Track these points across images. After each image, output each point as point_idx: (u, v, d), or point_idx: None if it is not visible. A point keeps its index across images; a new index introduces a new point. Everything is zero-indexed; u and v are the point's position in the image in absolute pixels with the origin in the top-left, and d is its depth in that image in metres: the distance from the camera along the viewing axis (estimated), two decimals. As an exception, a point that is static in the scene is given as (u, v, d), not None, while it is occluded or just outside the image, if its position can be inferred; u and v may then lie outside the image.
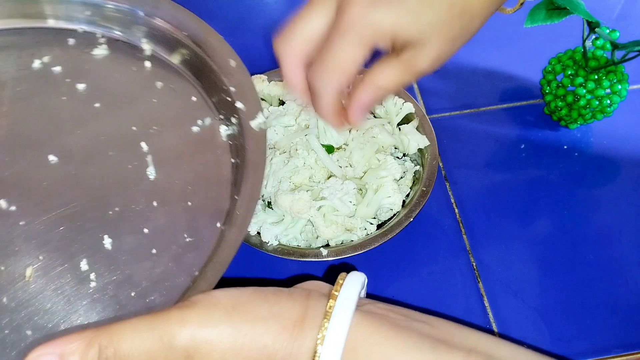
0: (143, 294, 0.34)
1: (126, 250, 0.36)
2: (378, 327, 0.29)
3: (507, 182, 0.54)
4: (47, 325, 0.33)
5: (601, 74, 0.52)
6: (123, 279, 0.35)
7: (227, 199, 0.38)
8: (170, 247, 0.36)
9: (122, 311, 0.34)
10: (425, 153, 0.50)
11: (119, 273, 0.35)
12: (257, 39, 0.67)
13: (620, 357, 0.45)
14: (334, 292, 0.30)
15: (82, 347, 0.28)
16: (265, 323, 0.28)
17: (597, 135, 0.57)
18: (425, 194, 0.47)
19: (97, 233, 0.36)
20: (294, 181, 0.48)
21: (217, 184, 0.38)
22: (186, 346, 0.28)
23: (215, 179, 0.38)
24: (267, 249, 0.46)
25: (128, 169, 0.39)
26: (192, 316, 0.28)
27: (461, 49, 0.68)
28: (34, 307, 0.34)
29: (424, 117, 0.52)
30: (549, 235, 0.51)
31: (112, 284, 0.35)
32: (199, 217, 0.37)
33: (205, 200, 0.38)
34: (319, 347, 0.28)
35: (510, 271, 0.49)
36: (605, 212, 0.52)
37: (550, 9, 0.50)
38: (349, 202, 0.46)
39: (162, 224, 0.37)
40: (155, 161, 0.39)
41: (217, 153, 0.40)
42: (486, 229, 0.51)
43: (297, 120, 0.51)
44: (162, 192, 0.38)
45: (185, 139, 0.40)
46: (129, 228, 0.37)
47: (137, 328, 0.28)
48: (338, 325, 0.28)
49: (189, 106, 0.42)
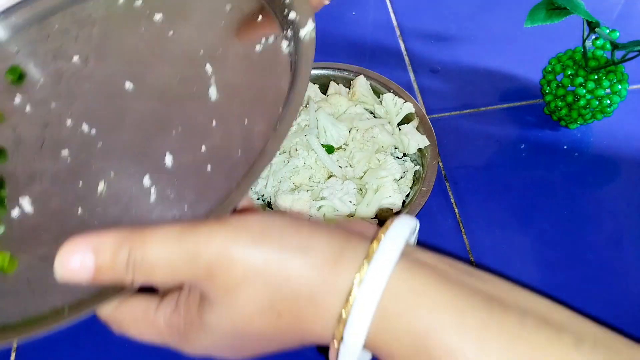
0: (195, 208, 0.36)
1: (184, 166, 0.38)
2: (425, 278, 0.26)
3: (507, 182, 0.54)
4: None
5: (601, 74, 0.52)
6: (178, 195, 0.37)
7: (279, 113, 0.39)
8: (224, 164, 0.37)
9: None
10: (425, 153, 0.50)
11: (175, 188, 0.37)
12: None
13: (620, 357, 0.45)
14: (380, 234, 0.28)
15: (114, 246, 0.27)
16: (292, 254, 0.26)
17: (597, 135, 0.57)
18: (425, 194, 0.47)
19: (161, 151, 0.39)
20: (294, 181, 0.48)
21: (273, 101, 0.39)
22: (209, 262, 0.27)
23: (273, 95, 0.40)
24: (267, 249, 0.46)
25: (193, 91, 0.42)
26: (220, 234, 0.27)
27: (461, 49, 0.68)
28: (103, 217, 0.38)
29: (424, 117, 0.52)
30: (549, 235, 0.51)
31: (167, 198, 0.37)
32: (254, 133, 0.39)
33: (262, 117, 0.39)
34: (355, 288, 0.25)
35: (510, 271, 0.49)
36: (605, 212, 0.52)
37: (550, 9, 0.50)
38: (349, 202, 0.46)
39: (219, 143, 0.39)
40: (217, 82, 0.42)
41: (277, 70, 0.41)
42: (486, 229, 0.51)
43: (297, 120, 0.51)
44: (221, 112, 0.40)
45: (248, 59, 0.42)
46: (188, 146, 0.39)
47: (166, 239, 0.27)
48: (380, 268, 0.26)
49: (255, 25, 0.44)
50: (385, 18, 0.68)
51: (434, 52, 0.64)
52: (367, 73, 0.55)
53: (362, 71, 0.55)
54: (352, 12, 0.68)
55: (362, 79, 0.54)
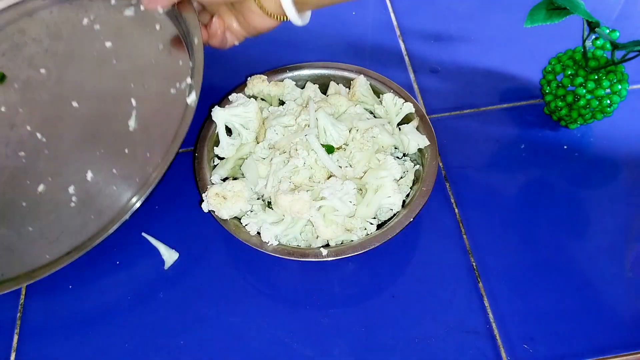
0: (101, 217, 0.50)
1: (99, 183, 0.52)
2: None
3: (507, 182, 0.54)
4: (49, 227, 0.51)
5: (601, 74, 0.52)
6: (91, 204, 0.51)
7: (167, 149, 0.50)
8: (124, 184, 0.51)
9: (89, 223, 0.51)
10: (425, 153, 0.50)
11: (90, 199, 0.51)
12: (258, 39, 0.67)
13: (620, 357, 0.45)
14: None
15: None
16: None
17: (597, 135, 0.57)
18: (425, 194, 0.47)
19: (86, 167, 0.52)
20: (294, 181, 0.48)
21: (170, 139, 0.50)
22: None
23: (170, 134, 0.50)
24: (267, 249, 0.46)
25: (118, 119, 0.54)
26: None
27: (461, 49, 0.68)
28: (37, 214, 0.51)
29: (424, 117, 0.52)
30: (549, 235, 0.51)
31: (83, 205, 0.51)
32: (149, 163, 0.51)
33: (159, 152, 0.51)
34: None
35: (510, 271, 0.49)
36: (605, 212, 0.52)
37: (550, 9, 0.50)
38: (349, 202, 0.46)
39: (125, 167, 0.52)
40: (137, 115, 0.53)
41: (178, 114, 0.51)
42: (486, 229, 0.51)
43: (297, 120, 0.51)
44: (133, 142, 0.52)
45: (163, 99, 0.53)
46: (105, 167, 0.52)
47: None
48: None
49: (176, 68, 0.55)
50: (385, 18, 0.68)
51: (434, 52, 0.64)
52: (367, 73, 0.55)
53: (362, 71, 0.55)
54: (352, 12, 0.68)
55: (362, 79, 0.54)
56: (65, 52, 0.59)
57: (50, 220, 0.51)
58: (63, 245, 0.49)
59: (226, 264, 0.50)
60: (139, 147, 0.52)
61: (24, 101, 0.57)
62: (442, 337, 0.46)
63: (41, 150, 0.54)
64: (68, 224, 0.50)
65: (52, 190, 0.52)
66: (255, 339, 0.46)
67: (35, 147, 0.55)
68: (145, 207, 0.54)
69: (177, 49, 0.56)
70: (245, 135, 0.52)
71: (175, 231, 0.53)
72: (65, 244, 0.49)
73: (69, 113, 0.56)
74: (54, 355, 0.47)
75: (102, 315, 0.48)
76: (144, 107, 0.54)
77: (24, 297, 0.50)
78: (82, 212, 0.51)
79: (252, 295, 0.49)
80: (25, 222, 0.51)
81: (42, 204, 0.52)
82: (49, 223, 0.51)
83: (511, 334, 0.46)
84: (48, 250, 0.49)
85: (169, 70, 0.55)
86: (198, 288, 0.49)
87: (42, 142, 0.55)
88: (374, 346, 0.46)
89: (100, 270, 0.51)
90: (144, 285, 0.50)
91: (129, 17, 0.59)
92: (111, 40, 0.58)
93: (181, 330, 0.47)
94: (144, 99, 0.54)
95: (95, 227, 0.49)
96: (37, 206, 0.52)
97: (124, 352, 0.46)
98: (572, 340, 0.45)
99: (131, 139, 0.53)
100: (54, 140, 0.55)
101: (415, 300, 0.47)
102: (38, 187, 0.52)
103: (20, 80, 0.59)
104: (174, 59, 0.55)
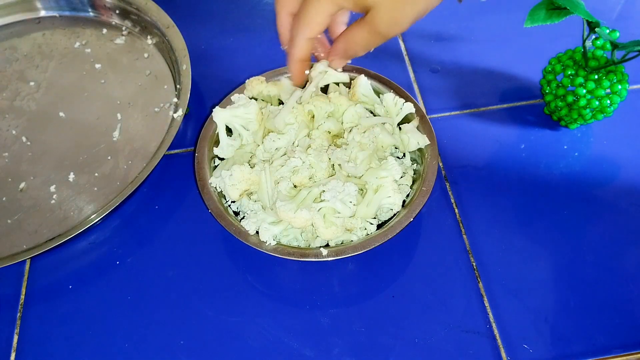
0: (80, 213, 0.54)
1: (80, 184, 0.55)
2: None
3: (507, 182, 0.54)
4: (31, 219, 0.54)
5: (601, 74, 0.52)
6: (71, 202, 0.54)
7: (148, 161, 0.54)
8: (105, 188, 0.55)
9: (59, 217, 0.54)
10: (425, 153, 0.50)
11: (71, 198, 0.54)
12: (258, 39, 0.67)
13: (620, 357, 0.45)
14: None
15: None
16: None
17: (597, 135, 0.57)
18: (425, 194, 0.47)
19: (68, 169, 0.56)
20: (294, 181, 0.47)
21: (151, 152, 0.55)
22: None
23: (153, 147, 0.56)
24: (267, 249, 0.46)
25: (103, 130, 0.59)
26: None
27: (461, 49, 0.68)
28: (19, 209, 0.54)
29: (424, 116, 0.52)
30: (549, 235, 0.51)
31: (64, 202, 0.54)
32: (130, 172, 0.55)
33: (140, 162, 0.56)
34: None
35: (510, 271, 0.49)
36: (605, 212, 0.52)
37: (550, 9, 0.50)
38: (349, 202, 0.46)
39: (107, 173, 0.56)
40: (122, 127, 0.59)
41: (162, 129, 0.57)
42: (486, 229, 0.51)
43: (297, 119, 0.51)
44: (116, 150, 0.57)
45: (147, 116, 0.59)
46: (87, 170, 0.56)
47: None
48: None
49: (161, 91, 0.61)
50: (385, 18, 0.68)
51: (434, 52, 0.64)
52: (367, 73, 0.55)
53: (362, 71, 0.55)
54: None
55: (362, 78, 0.54)
56: (55, 69, 0.64)
57: (30, 214, 0.53)
58: (42, 237, 0.51)
59: (226, 264, 0.50)
60: (122, 154, 0.56)
61: (11, 108, 0.61)
62: (442, 337, 0.46)
63: (25, 152, 0.58)
64: (48, 217, 0.53)
65: (33, 187, 0.55)
66: (255, 338, 0.46)
67: (19, 149, 0.58)
68: (145, 207, 0.54)
69: (163, 76, 0.62)
70: (245, 136, 0.52)
71: (175, 231, 0.53)
72: (44, 236, 0.51)
73: (55, 121, 0.60)
74: (54, 355, 0.47)
75: (102, 315, 0.48)
76: (129, 121, 0.59)
77: (24, 297, 0.50)
78: (63, 208, 0.53)
79: (252, 295, 0.49)
80: (4, 216, 0.54)
81: (23, 199, 0.54)
82: (28, 216, 0.53)
83: (511, 334, 0.46)
84: (26, 241, 0.51)
85: (155, 92, 0.61)
86: (198, 288, 0.49)
87: (27, 145, 0.58)
88: (374, 346, 0.46)
89: (101, 270, 0.51)
90: (143, 285, 0.50)
91: (119, 44, 0.65)
92: (101, 63, 0.64)
93: (181, 330, 0.47)
94: (129, 114, 0.59)
95: (76, 221, 0.52)
96: (17, 201, 0.54)
97: (124, 352, 0.46)
98: (572, 340, 0.45)
99: (114, 147, 0.57)
100: (39, 144, 0.58)
101: (415, 300, 0.47)
102: (19, 184, 0.55)
103: (9, 90, 0.63)
104: (159, 84, 0.61)
